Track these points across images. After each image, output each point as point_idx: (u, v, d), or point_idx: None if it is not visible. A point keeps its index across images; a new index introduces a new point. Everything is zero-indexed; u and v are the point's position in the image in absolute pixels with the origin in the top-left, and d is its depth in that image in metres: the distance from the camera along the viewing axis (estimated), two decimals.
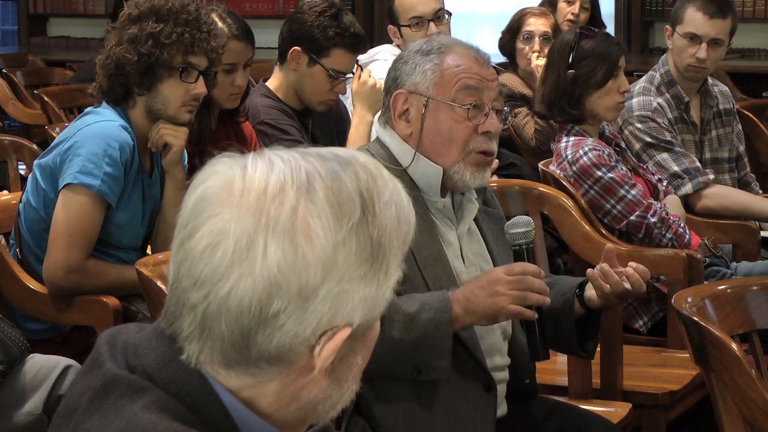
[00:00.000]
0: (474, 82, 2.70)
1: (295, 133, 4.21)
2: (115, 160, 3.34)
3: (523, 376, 2.86)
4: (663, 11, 8.83)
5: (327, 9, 4.24)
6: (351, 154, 1.43)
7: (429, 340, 2.56)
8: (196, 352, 1.38)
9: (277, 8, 9.82)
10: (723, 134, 4.75)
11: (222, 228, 1.35)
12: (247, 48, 3.99)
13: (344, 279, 1.36)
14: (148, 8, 3.40)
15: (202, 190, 1.39)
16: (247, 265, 1.34)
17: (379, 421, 2.66)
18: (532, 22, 5.53)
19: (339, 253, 1.35)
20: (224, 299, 1.35)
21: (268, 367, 1.37)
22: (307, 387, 1.39)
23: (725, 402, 2.33)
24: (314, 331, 1.36)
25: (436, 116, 2.71)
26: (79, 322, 3.42)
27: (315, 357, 1.37)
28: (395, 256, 1.41)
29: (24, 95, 6.95)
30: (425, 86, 2.70)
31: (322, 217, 1.36)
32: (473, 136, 2.71)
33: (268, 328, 1.35)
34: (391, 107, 2.74)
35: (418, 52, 2.74)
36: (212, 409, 1.38)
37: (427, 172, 2.73)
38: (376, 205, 1.39)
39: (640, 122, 4.52)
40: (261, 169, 1.38)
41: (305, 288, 1.34)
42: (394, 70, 2.76)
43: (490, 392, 2.72)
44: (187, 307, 1.38)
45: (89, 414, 1.38)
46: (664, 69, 4.66)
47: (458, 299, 2.58)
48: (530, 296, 2.57)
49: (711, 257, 4.13)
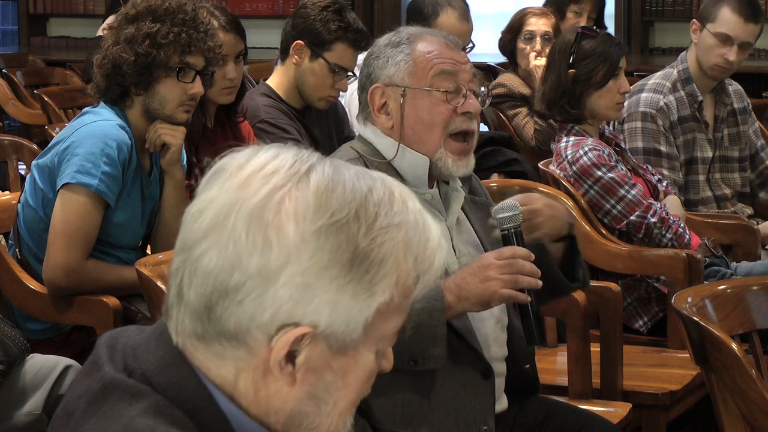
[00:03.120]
0: (448, 66, 2.72)
1: (295, 133, 4.21)
2: (113, 159, 3.34)
3: (522, 361, 2.85)
4: (663, 11, 8.83)
5: (330, 4, 4.26)
6: (383, 177, 1.43)
7: (423, 329, 2.56)
8: (175, 322, 1.40)
9: (277, 8, 9.82)
10: (735, 133, 4.75)
11: (212, 196, 1.39)
12: (237, 40, 3.99)
13: (310, 272, 1.35)
14: (145, 8, 3.40)
15: (221, 164, 1.43)
16: (218, 234, 1.36)
17: (378, 416, 2.65)
18: (534, 22, 5.53)
19: (309, 244, 1.35)
20: (195, 264, 1.38)
21: (230, 348, 1.38)
22: (280, 394, 1.38)
23: (725, 402, 2.33)
24: (272, 319, 1.36)
25: (415, 104, 2.72)
26: (79, 322, 3.42)
27: (272, 348, 1.36)
28: (387, 280, 1.38)
29: (24, 95, 6.95)
30: (400, 77, 2.72)
31: (301, 204, 1.36)
32: (453, 117, 2.72)
33: (227, 301, 1.36)
34: (369, 102, 2.75)
35: (387, 45, 2.75)
36: (210, 414, 1.38)
37: (414, 164, 2.74)
38: (378, 220, 1.38)
39: (641, 119, 4.53)
40: (270, 153, 1.41)
41: (265, 268, 1.35)
42: (367, 67, 2.78)
43: (488, 379, 2.71)
44: (173, 273, 1.41)
45: (87, 417, 1.38)
46: (683, 66, 4.64)
47: (450, 287, 2.58)
48: (522, 279, 2.57)
49: (711, 257, 4.13)
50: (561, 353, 3.56)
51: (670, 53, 8.60)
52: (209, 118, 4.02)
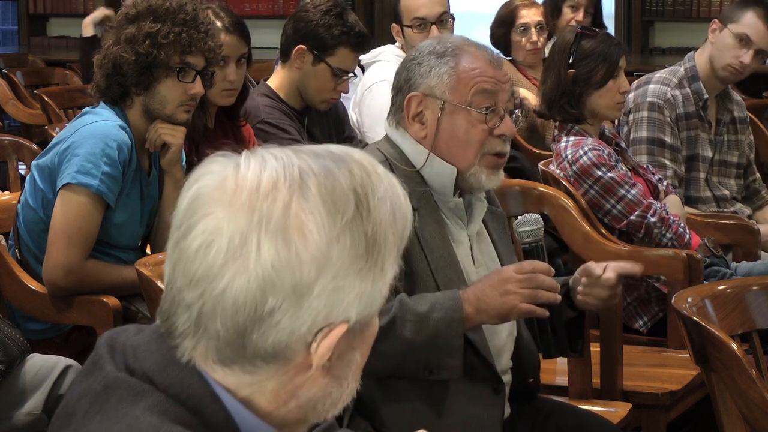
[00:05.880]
0: (490, 85, 2.70)
1: (295, 133, 4.21)
2: (113, 159, 3.34)
3: (528, 374, 2.85)
4: (663, 11, 8.83)
5: (332, 8, 4.24)
6: (345, 151, 1.43)
7: (440, 340, 2.56)
8: (190, 348, 1.38)
9: (277, 8, 9.82)
10: (734, 140, 4.78)
11: (215, 227, 1.35)
12: (240, 42, 3.98)
13: (339, 275, 1.36)
14: (145, 8, 3.40)
15: (196, 190, 1.39)
16: (241, 263, 1.34)
17: (385, 421, 2.65)
18: (525, 13, 5.55)
19: (333, 250, 1.35)
20: (219, 298, 1.35)
21: (264, 365, 1.37)
22: (306, 385, 1.39)
23: (725, 402, 2.33)
24: (310, 328, 1.36)
25: (452, 120, 2.70)
26: (79, 322, 3.42)
27: (312, 354, 1.37)
28: (391, 252, 1.40)
29: (24, 95, 6.95)
30: (441, 90, 2.69)
31: (315, 213, 1.35)
32: (488, 139, 2.71)
33: (264, 326, 1.35)
34: (405, 108, 2.73)
35: (431, 54, 2.71)
36: (213, 411, 1.37)
37: (441, 173, 2.72)
38: (370, 201, 1.38)
39: (648, 109, 4.55)
40: (254, 167, 1.38)
41: (300, 285, 1.34)
42: (407, 71, 2.74)
43: (498, 395, 2.71)
44: (182, 306, 1.38)
45: (90, 417, 1.38)
46: (690, 64, 4.67)
47: (469, 298, 2.58)
48: (541, 294, 2.57)
49: (711, 257, 4.13)
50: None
51: (670, 53, 8.60)
52: (210, 118, 4.02)
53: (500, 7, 5.71)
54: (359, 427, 2.65)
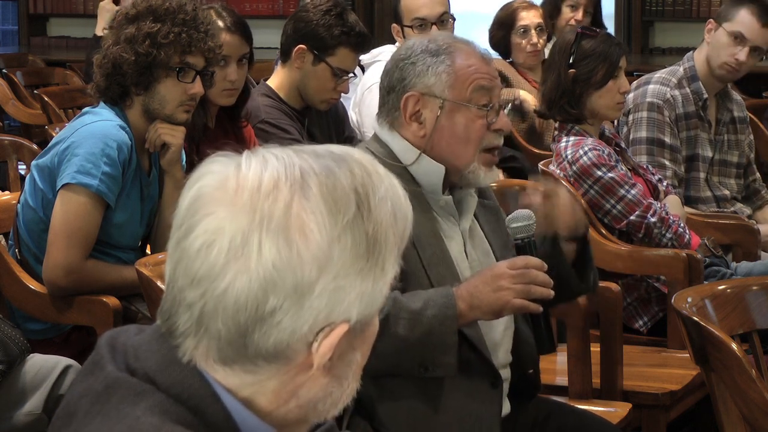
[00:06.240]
0: (486, 81, 2.71)
1: (296, 133, 4.21)
2: (113, 159, 3.34)
3: (527, 365, 2.85)
4: (663, 11, 8.83)
5: (332, 8, 4.24)
6: (345, 151, 1.43)
7: (434, 337, 2.56)
8: (191, 348, 1.38)
9: (277, 8, 9.82)
10: (734, 140, 4.78)
11: (217, 226, 1.35)
12: (241, 42, 3.98)
13: (340, 275, 1.36)
14: (145, 8, 3.40)
15: (197, 190, 1.39)
16: (242, 262, 1.34)
17: (383, 420, 2.65)
18: (525, 15, 5.55)
19: (334, 249, 1.35)
20: (220, 297, 1.35)
21: (266, 365, 1.37)
22: (307, 385, 1.39)
23: (725, 402, 2.33)
24: (311, 328, 1.36)
25: (452, 117, 2.70)
26: (79, 322, 3.42)
27: (313, 354, 1.37)
28: (392, 252, 1.40)
29: (24, 95, 6.95)
30: (440, 88, 2.69)
31: (317, 213, 1.35)
32: (486, 134, 2.72)
33: (265, 326, 1.35)
34: (402, 109, 2.72)
35: (425, 52, 2.71)
36: (214, 411, 1.37)
37: (429, 171, 2.73)
38: (371, 201, 1.38)
39: (647, 109, 4.55)
40: (255, 167, 1.38)
41: (301, 284, 1.34)
42: (400, 70, 2.73)
43: (496, 389, 2.71)
44: (183, 306, 1.38)
45: (91, 417, 1.37)
46: (689, 64, 4.68)
47: (462, 295, 2.58)
48: (534, 289, 2.57)
49: (711, 257, 4.13)
50: (561, 353, 3.56)
51: (670, 53, 8.60)
52: (210, 118, 4.02)
53: (499, 9, 5.71)
54: (358, 427, 2.65)
